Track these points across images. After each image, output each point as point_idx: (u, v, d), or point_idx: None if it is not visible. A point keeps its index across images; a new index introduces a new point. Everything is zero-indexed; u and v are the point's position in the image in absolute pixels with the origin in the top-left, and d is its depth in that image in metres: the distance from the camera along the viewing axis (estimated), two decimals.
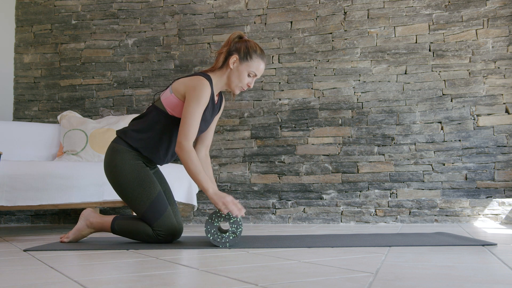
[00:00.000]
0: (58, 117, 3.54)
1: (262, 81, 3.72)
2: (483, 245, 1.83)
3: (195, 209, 3.58)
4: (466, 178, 3.35)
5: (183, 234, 2.60)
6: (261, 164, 3.65)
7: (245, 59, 2.10)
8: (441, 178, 3.38)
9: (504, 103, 3.35)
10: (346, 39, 3.63)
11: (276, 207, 3.57)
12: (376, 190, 3.46)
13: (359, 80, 3.58)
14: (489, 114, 3.37)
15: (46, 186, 2.69)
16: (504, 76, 3.37)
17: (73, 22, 4.06)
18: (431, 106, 3.45)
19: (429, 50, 3.50)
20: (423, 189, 3.39)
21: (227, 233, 1.92)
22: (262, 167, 3.65)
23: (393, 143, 3.48)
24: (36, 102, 4.04)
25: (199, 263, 1.49)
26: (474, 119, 3.38)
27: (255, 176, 3.65)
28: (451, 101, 3.43)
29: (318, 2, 3.70)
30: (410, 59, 3.52)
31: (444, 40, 3.48)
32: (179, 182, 3.10)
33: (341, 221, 3.47)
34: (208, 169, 2.28)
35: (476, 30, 3.43)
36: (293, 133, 3.63)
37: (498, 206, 3.24)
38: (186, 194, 3.17)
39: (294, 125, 3.64)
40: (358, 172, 3.50)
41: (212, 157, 3.72)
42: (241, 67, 2.11)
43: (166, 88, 2.18)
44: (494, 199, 3.26)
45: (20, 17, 4.14)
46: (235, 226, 1.91)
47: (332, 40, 3.65)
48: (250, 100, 3.73)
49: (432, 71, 3.48)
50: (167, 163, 2.46)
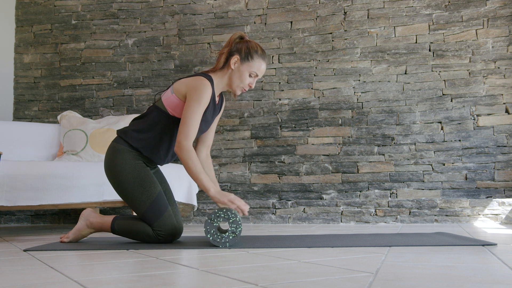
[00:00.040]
0: (58, 117, 3.54)
1: (262, 81, 3.72)
2: (483, 245, 1.83)
3: (195, 209, 3.58)
4: (466, 178, 3.35)
5: (183, 234, 2.61)
6: (261, 164, 3.66)
7: (246, 60, 2.10)
8: (441, 178, 3.38)
9: (504, 103, 3.35)
10: (346, 39, 3.63)
11: (276, 207, 3.57)
12: (376, 190, 3.46)
13: (359, 80, 3.58)
14: (489, 114, 3.37)
15: (46, 186, 2.69)
16: (504, 76, 3.37)
17: (73, 22, 4.06)
18: (431, 106, 3.45)
19: (429, 50, 3.50)
20: (423, 189, 3.39)
21: (227, 233, 1.92)
22: (262, 167, 3.65)
23: (393, 143, 3.48)
24: (36, 102, 4.04)
25: (199, 263, 1.49)
26: (474, 119, 3.39)
27: (255, 176, 3.65)
28: (451, 101, 3.43)
29: (318, 2, 3.70)
30: (410, 59, 3.52)
31: (444, 40, 3.48)
32: (179, 182, 3.10)
33: (341, 221, 3.47)
34: (210, 170, 2.28)
35: (476, 30, 3.43)
36: (293, 133, 3.63)
37: (498, 206, 3.24)
38: (186, 194, 3.17)
39: (294, 125, 3.64)
40: (358, 172, 3.50)
41: (212, 157, 3.71)
42: (242, 68, 2.11)
43: (167, 88, 2.18)
44: (494, 199, 3.26)
45: (20, 17, 4.14)
46: (235, 226, 1.91)
47: (332, 40, 3.65)
48: (250, 100, 3.73)
49: (432, 71, 3.48)
50: (168, 163, 2.46)
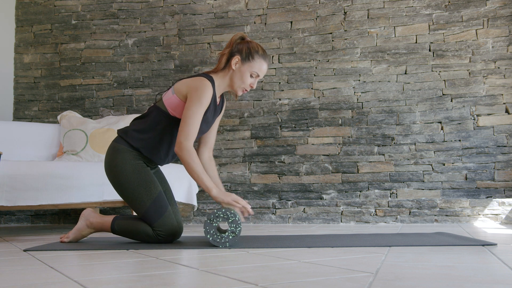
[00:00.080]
0: (58, 117, 3.54)
1: (262, 81, 3.72)
2: (483, 245, 1.83)
3: (195, 209, 3.58)
4: (466, 178, 3.35)
5: (183, 234, 2.60)
6: (261, 164, 3.65)
7: (247, 60, 2.10)
8: (441, 178, 3.38)
9: (504, 103, 3.35)
10: (346, 39, 3.63)
11: (276, 207, 3.57)
12: (376, 190, 3.46)
13: (359, 80, 3.58)
14: (489, 114, 3.37)
15: (46, 186, 2.69)
16: (504, 76, 3.37)
17: (73, 22, 4.06)
18: (431, 106, 3.45)
19: (429, 50, 3.50)
20: (423, 189, 3.39)
21: (226, 233, 1.92)
22: (262, 167, 3.65)
23: (393, 143, 3.48)
24: (36, 102, 4.04)
25: (199, 263, 1.49)
26: (474, 119, 3.39)
27: (255, 176, 3.65)
28: (451, 101, 3.43)
29: (318, 2, 3.70)
30: (410, 59, 3.52)
31: (444, 40, 3.48)
32: (179, 182, 3.10)
33: (341, 221, 3.47)
34: (214, 171, 2.28)
35: (476, 30, 3.43)
36: (293, 133, 3.63)
37: (498, 206, 3.24)
38: (186, 194, 3.17)
39: (294, 125, 3.64)
40: (358, 172, 3.50)
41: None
42: (243, 68, 2.11)
43: (168, 89, 2.18)
44: (494, 199, 3.26)
45: (20, 17, 4.14)
46: (234, 226, 1.91)
47: (332, 40, 3.65)
48: (250, 100, 3.73)
49: (432, 71, 3.48)
50: (168, 164, 2.46)
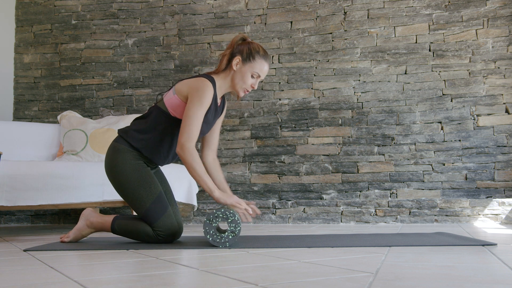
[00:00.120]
0: (58, 117, 3.54)
1: (262, 81, 3.72)
2: (483, 245, 1.83)
3: (195, 209, 3.58)
4: (466, 178, 3.35)
5: (183, 234, 2.60)
6: (261, 164, 3.65)
7: (248, 60, 2.10)
8: (441, 178, 3.38)
9: (504, 103, 3.35)
10: (346, 39, 3.63)
11: (276, 207, 3.57)
12: (376, 190, 3.46)
13: (359, 80, 3.58)
14: (489, 114, 3.37)
15: (46, 186, 2.69)
16: (504, 76, 3.37)
17: (73, 22, 4.06)
18: (431, 106, 3.45)
19: (429, 50, 3.50)
20: (423, 189, 3.39)
21: (226, 233, 1.92)
22: (262, 167, 3.65)
23: (393, 143, 3.48)
24: (36, 102, 4.04)
25: (199, 263, 1.49)
26: (474, 119, 3.39)
27: (255, 176, 3.65)
28: (451, 101, 3.43)
29: (318, 2, 3.70)
30: (410, 59, 3.52)
31: (444, 40, 3.48)
32: (179, 182, 3.10)
33: (341, 221, 3.47)
34: (219, 173, 2.28)
35: (476, 30, 3.43)
36: (293, 133, 3.63)
37: (498, 206, 3.24)
38: (186, 194, 3.17)
39: (294, 125, 3.64)
40: (358, 172, 3.50)
41: None
42: (244, 68, 2.11)
43: (169, 89, 2.18)
44: (494, 199, 3.26)
45: (20, 17, 4.14)
46: (234, 226, 1.91)
47: (332, 40, 3.65)
48: (250, 100, 3.73)
49: (432, 71, 3.48)
50: (168, 164, 2.46)
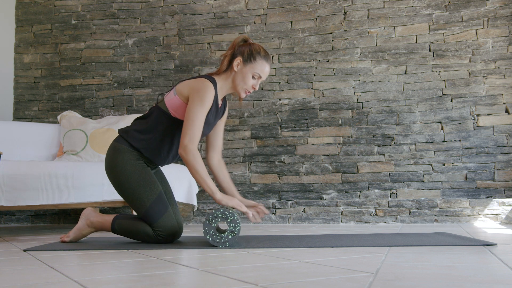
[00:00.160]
0: (58, 117, 3.54)
1: (263, 82, 3.72)
2: (483, 245, 1.83)
3: (195, 209, 3.58)
4: (466, 178, 3.35)
5: (183, 234, 2.61)
6: (261, 164, 3.65)
7: (249, 61, 2.10)
8: (441, 178, 3.38)
9: (504, 103, 3.35)
10: (346, 39, 3.63)
11: (276, 207, 3.57)
12: (376, 190, 3.46)
13: (359, 80, 3.58)
14: (489, 114, 3.37)
15: (46, 186, 2.69)
16: (504, 76, 3.37)
17: (73, 22, 4.06)
18: (431, 106, 3.45)
19: (429, 50, 3.50)
20: (423, 189, 3.39)
21: (226, 233, 1.92)
22: (262, 167, 3.65)
23: (393, 143, 3.48)
24: (36, 102, 4.04)
25: (199, 263, 1.49)
26: (474, 119, 3.39)
27: (255, 176, 3.65)
28: (451, 101, 3.43)
29: (318, 2, 3.70)
30: (410, 59, 3.52)
31: (444, 40, 3.48)
32: (179, 182, 3.10)
33: (341, 221, 3.47)
34: (225, 174, 2.29)
35: (476, 30, 3.43)
36: (293, 133, 3.63)
37: (498, 206, 3.24)
38: (186, 194, 3.17)
39: (294, 125, 3.64)
40: (358, 172, 3.50)
41: None
42: (245, 69, 2.11)
43: (170, 90, 2.18)
44: (494, 199, 3.26)
45: (20, 17, 4.14)
46: (233, 225, 1.91)
47: (332, 40, 3.65)
48: (250, 100, 3.73)
49: (432, 71, 3.48)
50: (169, 164, 2.46)
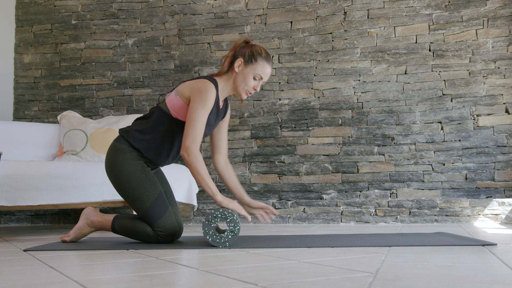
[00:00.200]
0: (58, 117, 3.54)
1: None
2: (483, 245, 1.83)
3: (195, 209, 3.58)
4: (466, 178, 3.35)
5: (183, 234, 2.61)
6: (261, 164, 3.65)
7: (250, 62, 2.10)
8: (441, 178, 3.38)
9: (504, 103, 3.35)
10: (346, 39, 3.63)
11: (276, 207, 3.57)
12: (376, 190, 3.46)
13: (359, 80, 3.58)
14: (489, 114, 3.37)
15: (46, 186, 2.69)
16: (504, 76, 3.37)
17: (73, 22, 4.06)
18: (431, 106, 3.45)
19: (429, 50, 3.50)
20: (423, 189, 3.39)
21: (226, 233, 1.92)
22: (262, 167, 3.65)
23: (393, 143, 3.48)
24: (36, 102, 4.04)
25: (199, 263, 1.49)
26: (474, 119, 3.39)
27: (255, 176, 3.65)
28: (451, 101, 3.43)
29: (318, 2, 3.70)
30: (410, 59, 3.52)
31: (444, 40, 3.48)
32: (179, 182, 3.10)
33: (341, 221, 3.47)
34: (232, 176, 2.29)
35: (476, 30, 3.43)
36: (293, 133, 3.63)
37: (498, 206, 3.24)
38: (186, 194, 3.17)
39: (294, 125, 3.64)
40: (358, 172, 3.50)
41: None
42: (246, 70, 2.11)
43: (172, 90, 2.18)
44: (494, 199, 3.26)
45: (20, 17, 4.14)
46: (233, 225, 1.91)
47: (332, 40, 3.65)
48: (250, 100, 3.73)
49: (432, 71, 3.48)
50: (168, 165, 2.46)
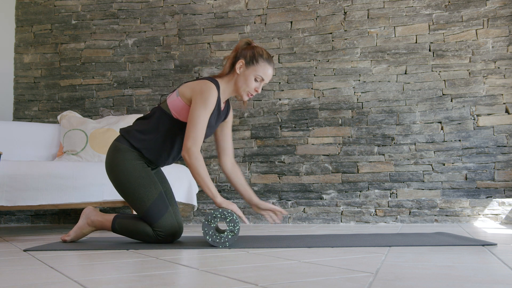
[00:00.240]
0: (58, 117, 3.54)
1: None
2: (483, 245, 1.83)
3: (195, 209, 3.58)
4: (466, 178, 3.35)
5: (183, 234, 2.61)
6: (261, 164, 3.65)
7: (251, 63, 2.10)
8: (441, 178, 3.38)
9: (504, 103, 3.35)
10: (346, 39, 3.63)
11: None
12: (376, 190, 3.46)
13: (359, 80, 3.58)
14: (489, 114, 3.37)
15: (46, 186, 2.69)
16: (504, 76, 3.37)
17: (73, 22, 4.06)
18: (431, 106, 3.45)
19: (429, 50, 3.50)
20: (423, 189, 3.39)
21: (225, 233, 1.92)
22: (262, 167, 3.65)
23: (393, 143, 3.48)
24: (36, 102, 4.04)
25: (199, 263, 1.49)
26: (474, 119, 3.38)
27: (255, 176, 3.65)
28: (451, 101, 3.43)
29: (318, 2, 3.70)
30: (410, 59, 3.52)
31: (444, 40, 3.48)
32: (179, 182, 3.10)
33: (341, 221, 3.47)
34: (240, 178, 2.30)
35: (476, 30, 3.43)
36: (293, 133, 3.63)
37: (498, 206, 3.24)
38: (186, 194, 3.17)
39: (294, 125, 3.64)
40: (358, 172, 3.50)
41: (212, 157, 3.72)
42: (247, 72, 2.11)
43: (173, 91, 2.18)
44: (494, 199, 3.26)
45: (20, 17, 4.14)
46: (233, 225, 1.91)
47: (332, 40, 3.65)
48: (250, 100, 3.73)
49: (432, 71, 3.48)
50: (168, 165, 2.46)
